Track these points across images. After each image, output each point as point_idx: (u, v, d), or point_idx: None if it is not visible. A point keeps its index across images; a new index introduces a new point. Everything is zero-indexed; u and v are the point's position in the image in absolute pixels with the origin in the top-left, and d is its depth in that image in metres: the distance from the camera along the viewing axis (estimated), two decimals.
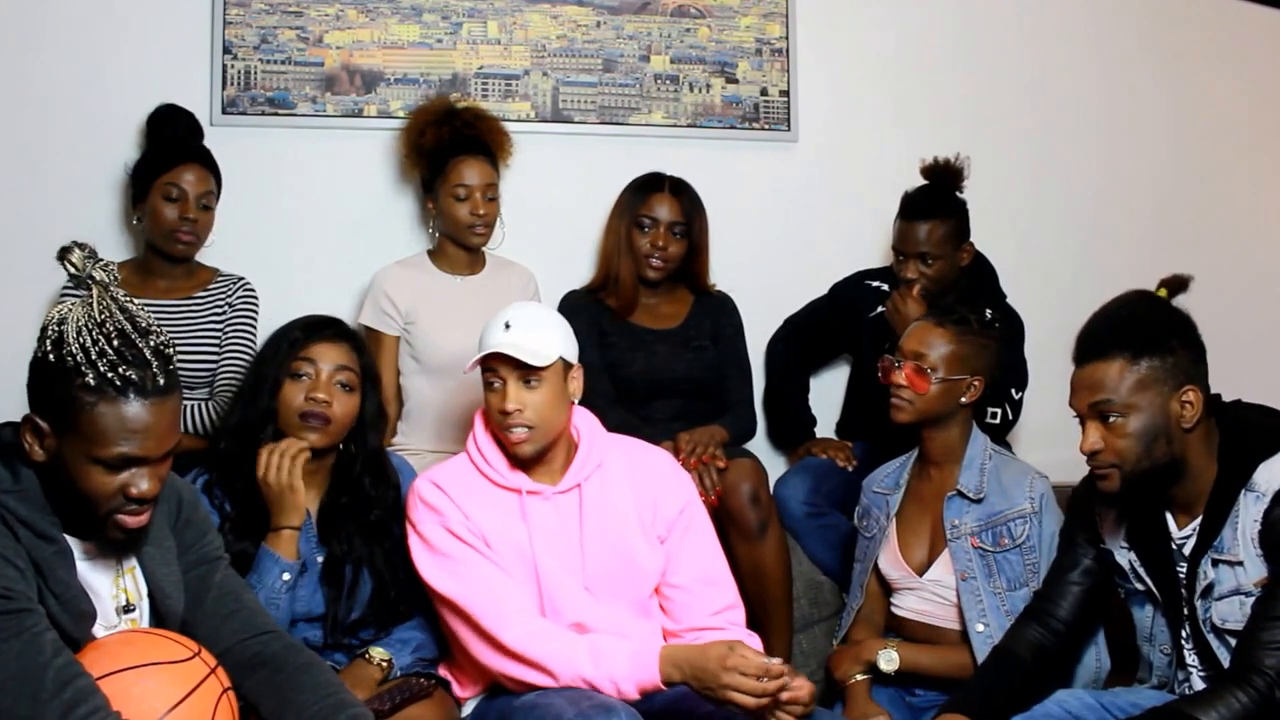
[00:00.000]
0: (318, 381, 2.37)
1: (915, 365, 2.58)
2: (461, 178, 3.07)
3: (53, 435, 1.76)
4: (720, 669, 2.03)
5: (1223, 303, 3.43)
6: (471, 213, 3.07)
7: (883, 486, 2.74)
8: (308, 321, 2.46)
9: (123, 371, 1.73)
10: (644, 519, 2.42)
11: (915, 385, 2.57)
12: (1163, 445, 2.12)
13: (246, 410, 2.41)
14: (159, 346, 1.78)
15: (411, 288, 3.09)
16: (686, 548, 2.44)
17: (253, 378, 2.46)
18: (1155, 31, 3.91)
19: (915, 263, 3.11)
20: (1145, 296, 2.24)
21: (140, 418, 1.75)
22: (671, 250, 3.18)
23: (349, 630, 2.39)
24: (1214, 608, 2.14)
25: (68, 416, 1.74)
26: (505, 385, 2.31)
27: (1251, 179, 3.99)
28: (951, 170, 3.15)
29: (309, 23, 3.36)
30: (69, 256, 1.79)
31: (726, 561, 2.52)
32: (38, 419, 1.76)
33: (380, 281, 3.10)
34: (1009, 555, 2.56)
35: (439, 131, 3.12)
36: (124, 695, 1.73)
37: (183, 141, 2.96)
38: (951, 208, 3.14)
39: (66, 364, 1.73)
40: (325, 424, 2.36)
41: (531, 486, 2.36)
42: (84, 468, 1.75)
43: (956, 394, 2.59)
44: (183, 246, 2.91)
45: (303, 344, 2.41)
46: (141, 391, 1.75)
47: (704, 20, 3.60)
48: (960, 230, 3.15)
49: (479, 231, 3.10)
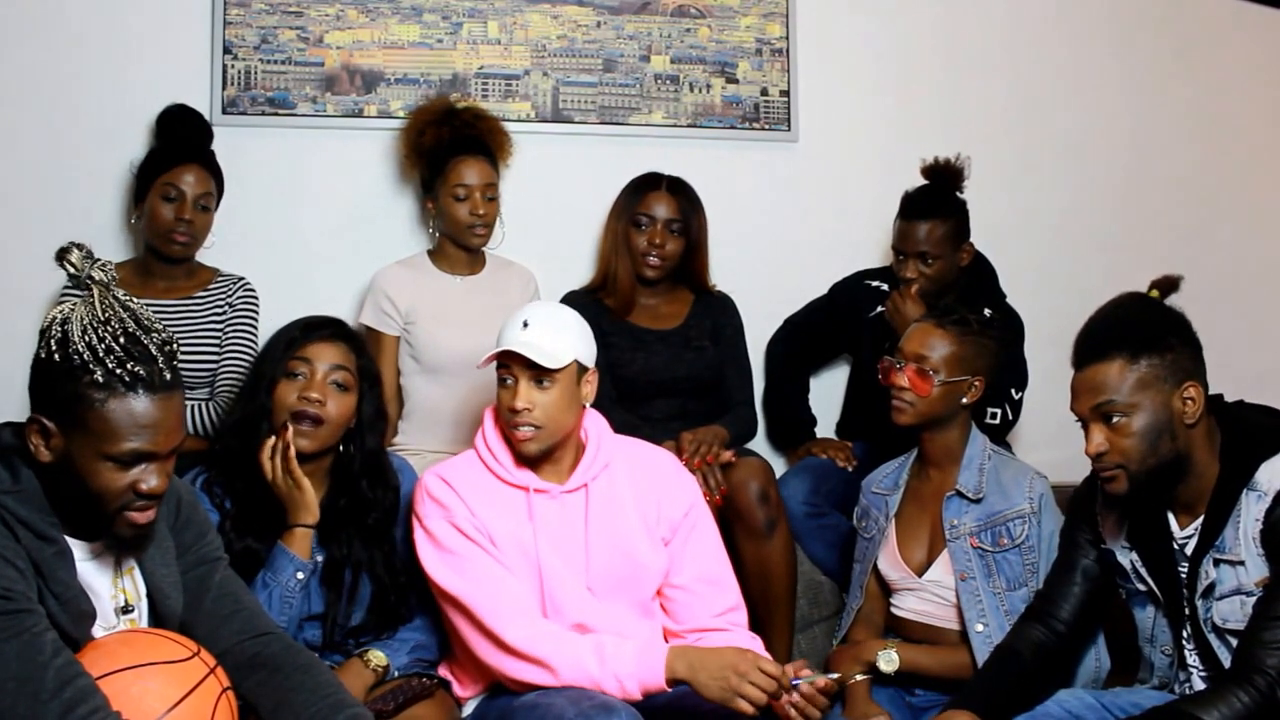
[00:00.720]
0: (312, 381, 2.37)
1: (917, 368, 2.57)
2: (461, 178, 3.07)
3: (60, 435, 1.76)
4: (734, 673, 2.07)
5: (1223, 302, 3.44)
6: (471, 213, 3.07)
7: (882, 487, 2.74)
8: (307, 321, 2.46)
9: (131, 368, 1.74)
10: (648, 520, 2.41)
11: (918, 388, 2.57)
12: (1167, 443, 2.12)
13: (245, 408, 2.42)
14: (163, 343, 1.79)
15: (411, 287, 3.09)
16: (690, 549, 2.44)
17: (252, 376, 2.47)
18: (1157, 32, 3.90)
19: (915, 262, 3.10)
20: (1139, 298, 2.25)
21: (149, 413, 1.76)
22: (669, 248, 3.18)
23: (349, 634, 2.39)
24: (1215, 607, 2.14)
25: (76, 415, 1.74)
26: (517, 383, 2.31)
27: (1254, 179, 3.99)
28: (952, 170, 3.15)
29: (309, 23, 3.36)
30: (68, 257, 1.79)
31: (729, 562, 2.51)
32: (44, 420, 1.76)
33: (380, 282, 3.10)
34: (1008, 555, 2.56)
35: (439, 131, 3.12)
36: (123, 695, 1.73)
37: (186, 141, 2.95)
38: (951, 208, 3.13)
39: (73, 362, 1.73)
40: (316, 424, 2.35)
41: (539, 485, 2.36)
42: (94, 465, 1.76)
43: (958, 395, 2.59)
44: (178, 247, 2.91)
45: (300, 343, 2.40)
46: (150, 387, 1.76)
47: (704, 20, 3.60)
48: (960, 230, 3.15)
49: (479, 232, 3.10)
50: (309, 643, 2.31)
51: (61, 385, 1.74)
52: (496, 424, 2.40)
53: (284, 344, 2.41)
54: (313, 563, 2.33)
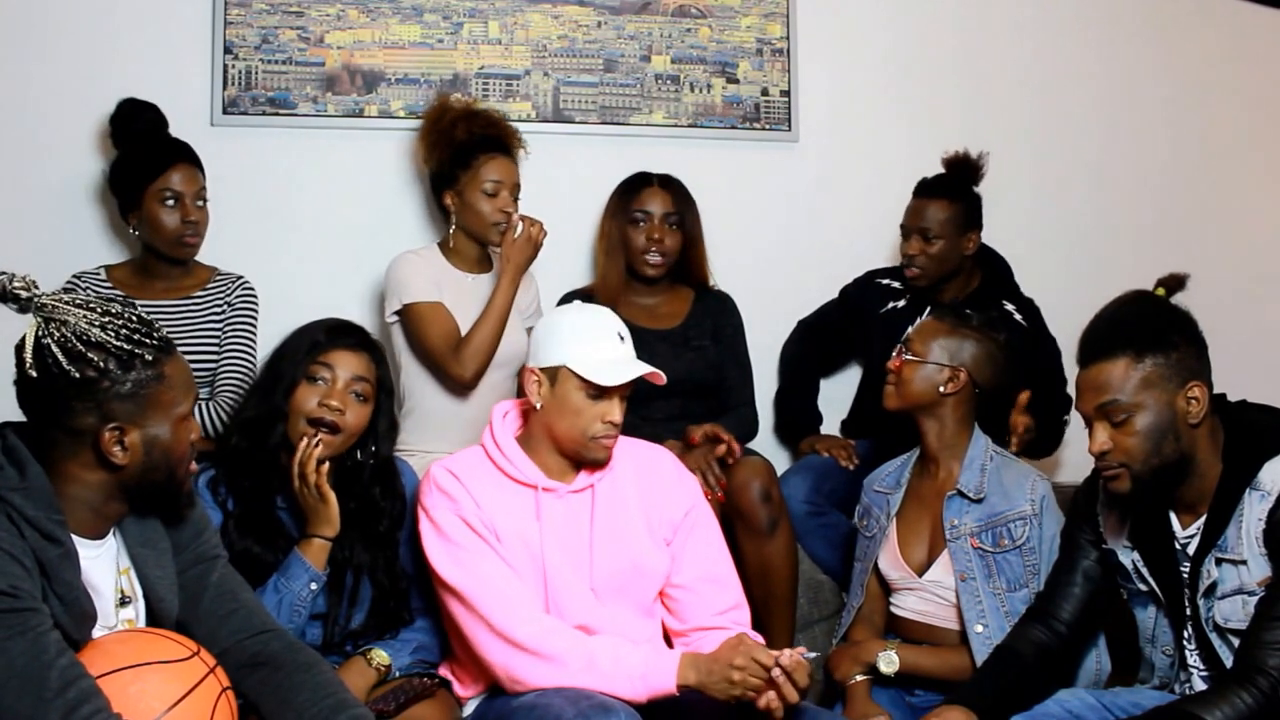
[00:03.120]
0: (333, 389, 2.36)
1: (902, 349, 2.65)
2: (494, 174, 3.04)
3: (136, 427, 1.81)
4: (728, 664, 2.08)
5: (1224, 302, 3.43)
6: (500, 209, 3.05)
7: (883, 486, 2.74)
8: (332, 325, 2.44)
9: (155, 337, 1.83)
10: (651, 521, 2.41)
11: (896, 368, 2.63)
12: (1171, 442, 2.12)
13: (260, 407, 2.39)
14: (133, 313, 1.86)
15: (432, 274, 3.05)
16: (691, 548, 2.43)
17: (270, 373, 2.43)
18: (1157, 31, 3.91)
19: (917, 238, 3.16)
20: (1144, 296, 2.25)
21: (183, 368, 1.89)
22: (669, 243, 3.18)
23: (348, 636, 2.38)
24: (1216, 607, 2.14)
25: (143, 398, 1.81)
26: (614, 398, 2.31)
27: (1253, 179, 3.99)
28: (971, 164, 3.21)
29: (310, 23, 3.36)
30: (10, 286, 1.79)
31: (732, 561, 2.51)
32: (117, 424, 1.80)
33: (407, 261, 3.03)
34: (1009, 556, 2.55)
35: (470, 126, 3.09)
36: (121, 695, 1.72)
37: (158, 142, 2.92)
38: (961, 193, 3.19)
39: (111, 362, 1.78)
40: (333, 432, 2.34)
41: (546, 484, 2.35)
42: (175, 433, 1.86)
43: (936, 381, 2.60)
44: (189, 249, 2.91)
45: (324, 348, 2.38)
46: (170, 345, 1.87)
47: (705, 20, 3.60)
48: (966, 217, 3.18)
49: (502, 230, 3.08)
50: (310, 642, 2.29)
51: (114, 385, 1.79)
52: (522, 424, 2.41)
53: (307, 346, 2.39)
54: (326, 573, 2.32)
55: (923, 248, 3.15)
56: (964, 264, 3.21)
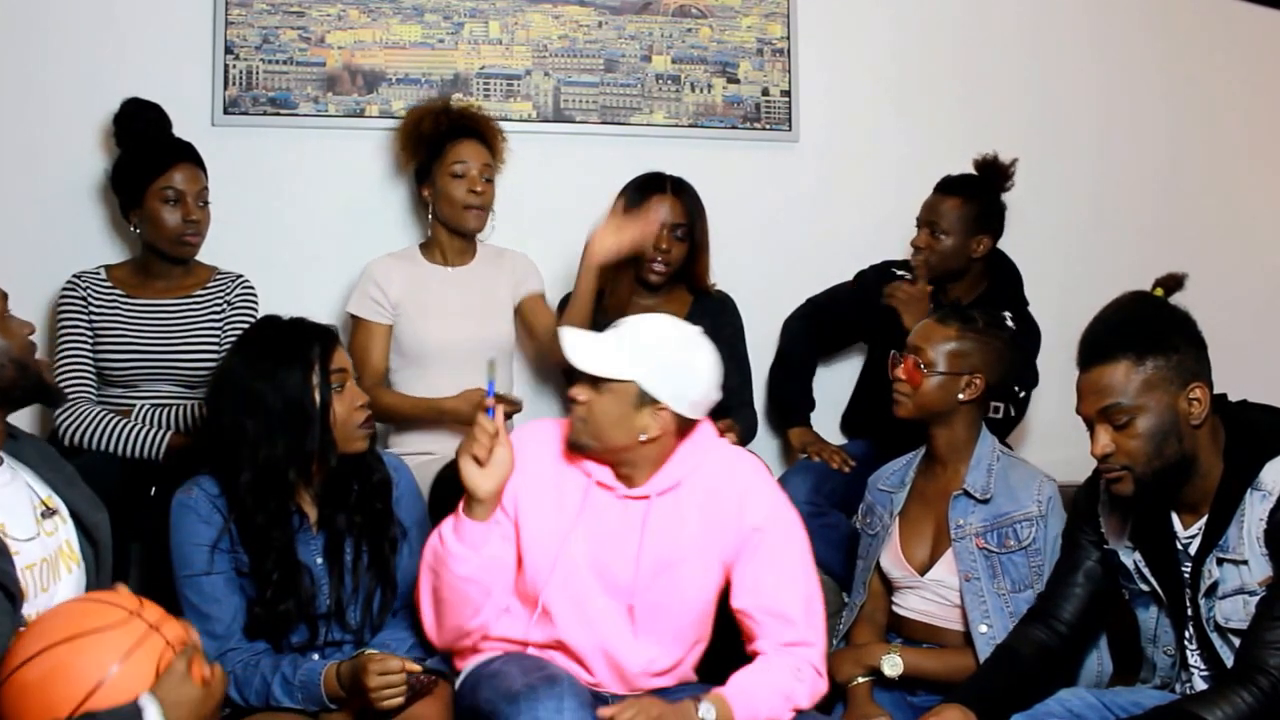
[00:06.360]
0: (353, 386, 2.36)
1: (915, 359, 2.59)
2: (460, 156, 3.08)
3: None
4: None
5: (1225, 303, 3.44)
6: (469, 190, 3.07)
7: (887, 484, 2.73)
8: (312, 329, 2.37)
9: None
10: (709, 539, 2.29)
11: (911, 378, 2.59)
12: (1173, 444, 2.12)
13: (292, 444, 2.26)
14: None
15: (401, 278, 3.09)
16: (751, 574, 2.30)
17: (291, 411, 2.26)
18: (1156, 31, 3.91)
19: (926, 231, 3.16)
20: (1144, 297, 2.24)
21: None
22: (674, 253, 3.17)
23: (345, 626, 2.36)
24: (1217, 606, 2.14)
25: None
26: None
27: (1253, 179, 4.00)
28: (998, 167, 3.22)
29: (311, 23, 3.36)
30: None
31: (810, 591, 2.34)
32: None
33: (372, 271, 3.11)
34: (1014, 557, 2.55)
35: (437, 119, 3.13)
36: (60, 671, 1.69)
37: (161, 141, 2.93)
38: (980, 193, 3.19)
39: None
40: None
41: (602, 478, 2.29)
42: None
43: (954, 390, 2.58)
44: (190, 248, 2.92)
45: (329, 350, 2.32)
46: None
47: (705, 20, 3.60)
48: (981, 218, 3.18)
49: (476, 213, 3.09)
50: (296, 644, 2.30)
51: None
52: None
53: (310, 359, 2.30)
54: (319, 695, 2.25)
55: (930, 241, 3.15)
56: (971, 266, 3.21)
